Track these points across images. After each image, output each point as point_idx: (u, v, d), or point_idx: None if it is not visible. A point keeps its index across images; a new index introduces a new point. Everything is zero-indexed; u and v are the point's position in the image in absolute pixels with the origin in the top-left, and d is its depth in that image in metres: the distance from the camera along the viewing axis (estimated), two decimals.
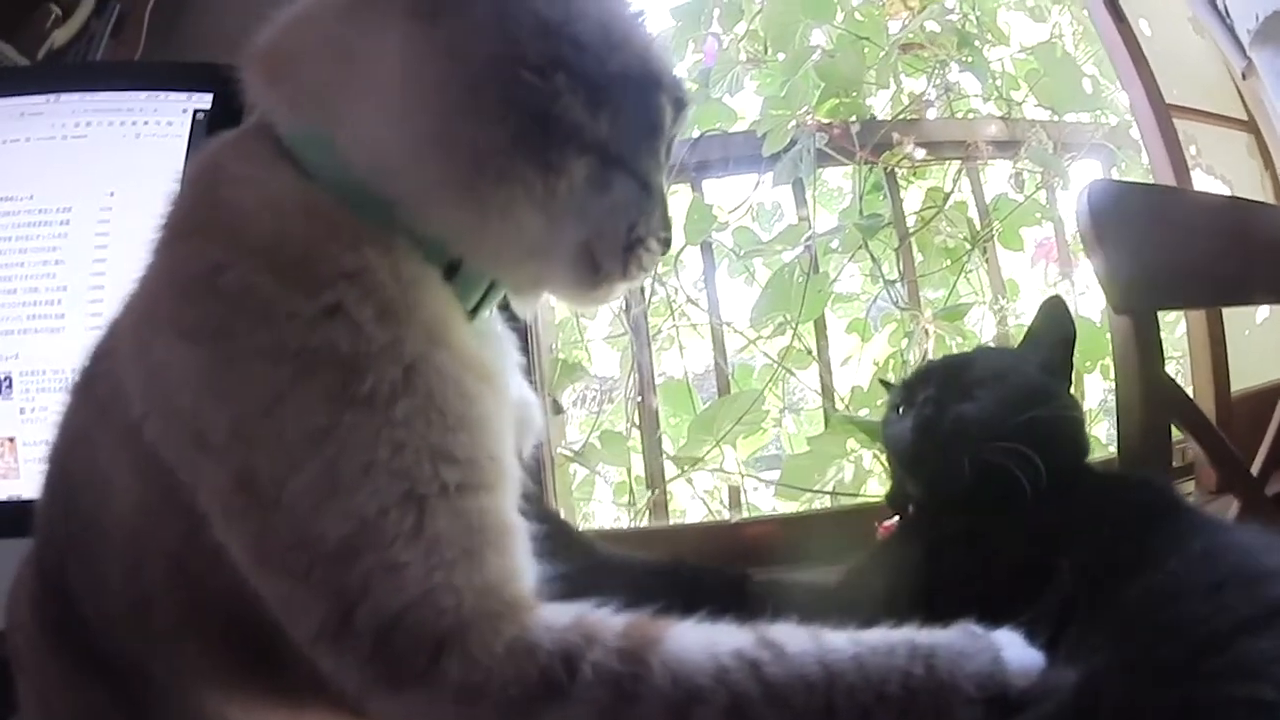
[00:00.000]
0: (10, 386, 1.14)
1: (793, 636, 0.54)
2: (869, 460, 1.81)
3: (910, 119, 2.05)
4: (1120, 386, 1.10)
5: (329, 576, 0.53)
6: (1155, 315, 1.09)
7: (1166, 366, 1.12)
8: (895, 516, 0.95)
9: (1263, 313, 1.76)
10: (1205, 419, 1.17)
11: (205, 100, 1.21)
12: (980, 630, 0.57)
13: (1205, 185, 1.81)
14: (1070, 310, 0.95)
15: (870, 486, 1.82)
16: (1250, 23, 1.63)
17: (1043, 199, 2.05)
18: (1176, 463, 1.37)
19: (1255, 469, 1.20)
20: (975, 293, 2.03)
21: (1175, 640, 0.57)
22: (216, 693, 0.65)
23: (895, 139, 1.97)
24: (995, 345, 1.89)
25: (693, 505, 1.93)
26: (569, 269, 0.64)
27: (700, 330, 1.99)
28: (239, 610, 0.58)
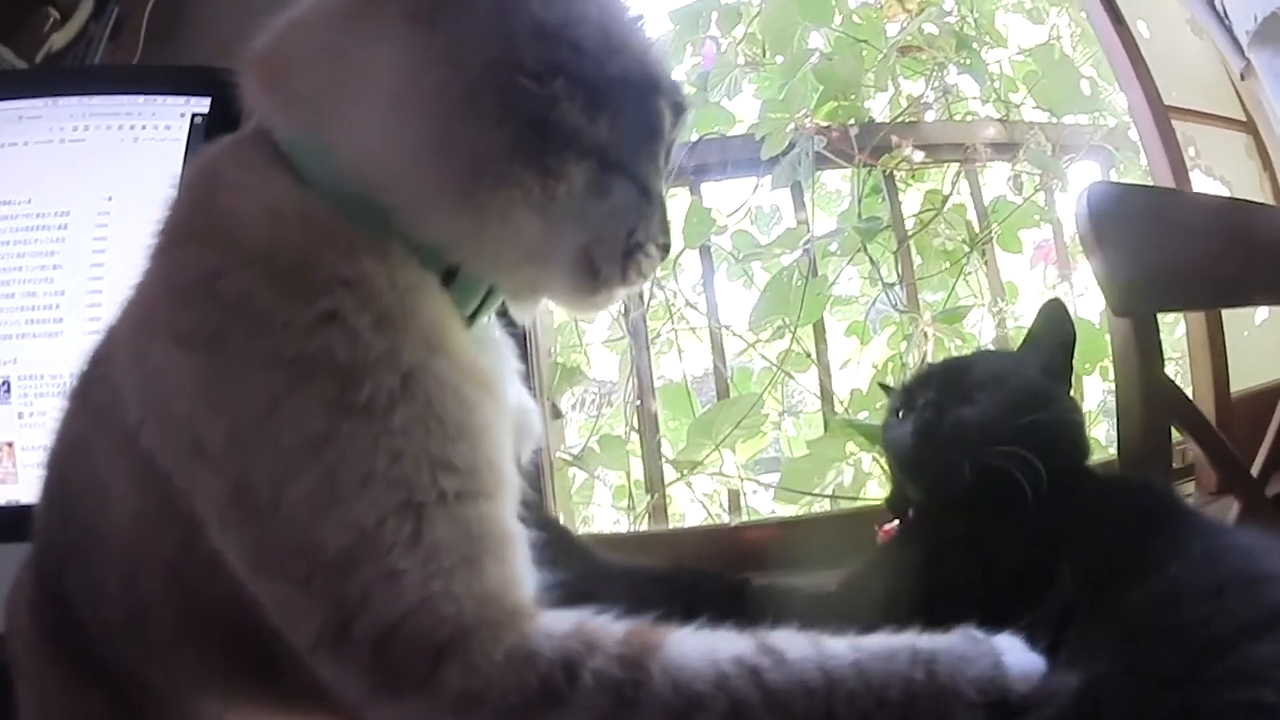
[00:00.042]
0: (9, 391, 1.14)
1: (793, 642, 0.54)
2: (868, 463, 1.81)
3: (908, 121, 2.04)
4: (1120, 389, 1.10)
5: (328, 584, 0.53)
6: (1155, 318, 1.08)
7: (1166, 368, 1.12)
8: (895, 520, 0.95)
9: (1262, 313, 1.76)
10: (1205, 420, 1.17)
11: (203, 105, 1.21)
12: (981, 635, 0.57)
13: (1204, 186, 1.81)
14: (1070, 313, 0.95)
15: (870, 489, 1.81)
16: (1249, 23, 1.63)
17: (1041, 201, 2.05)
18: (1177, 464, 1.36)
19: (1255, 470, 1.20)
20: (974, 295, 2.02)
21: (1176, 645, 0.57)
22: (214, 700, 0.65)
23: (894, 142, 1.96)
24: (995, 348, 1.89)
25: (692, 509, 1.93)
26: (568, 274, 0.64)
27: (699, 334, 1.99)
28: (238, 618, 0.58)
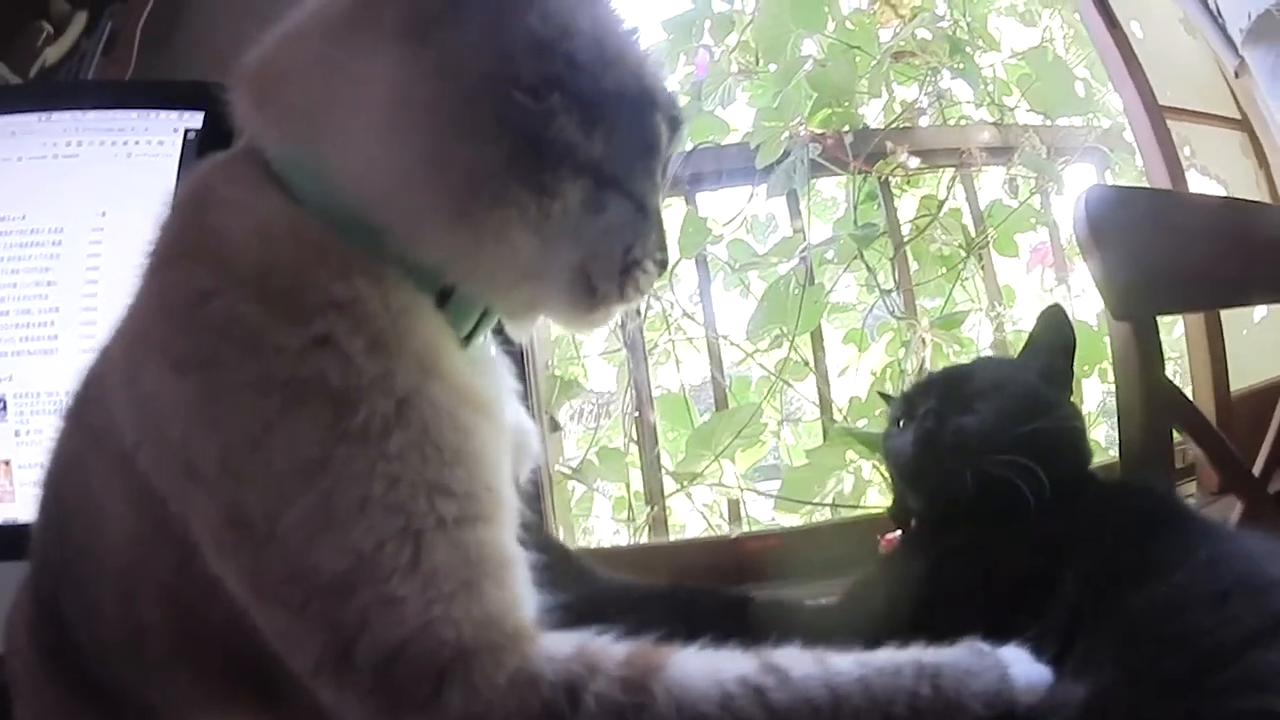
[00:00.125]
0: (5, 409, 1.14)
1: (797, 660, 0.54)
2: (868, 471, 1.81)
3: (903, 127, 2.03)
4: (1121, 392, 1.10)
5: (326, 610, 0.53)
6: (1155, 321, 1.08)
7: (1165, 369, 1.12)
8: (897, 530, 0.95)
9: (1260, 311, 1.76)
10: (1206, 422, 1.17)
11: (196, 120, 1.21)
12: (987, 647, 0.57)
13: (1200, 186, 1.82)
14: (1070, 318, 0.95)
15: (870, 497, 1.81)
16: (1242, 21, 1.63)
17: (1037, 204, 2.05)
18: (1178, 464, 1.36)
19: (1257, 469, 1.19)
20: (971, 300, 2.02)
21: (1182, 653, 0.57)
22: None
23: (888, 148, 1.96)
24: (995, 354, 1.89)
25: (692, 520, 1.92)
26: (565, 292, 0.64)
27: (696, 344, 1.98)
28: (236, 640, 0.57)
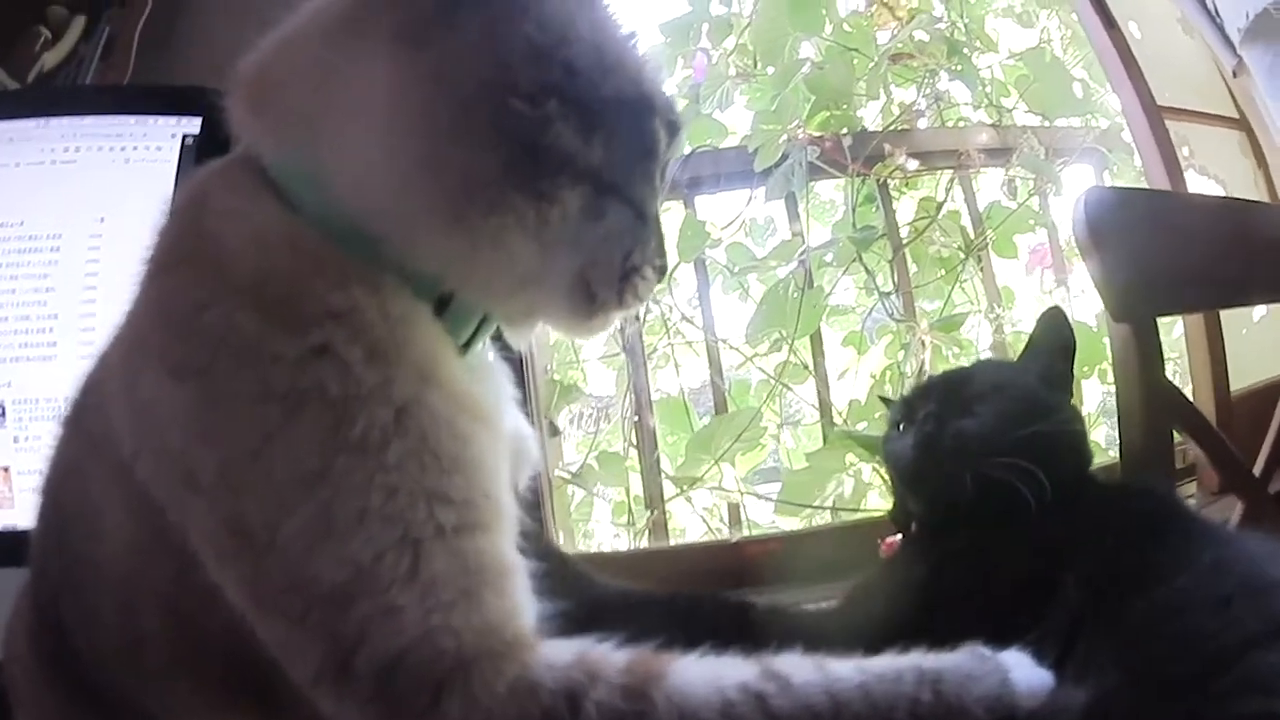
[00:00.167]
0: (4, 415, 1.14)
1: (798, 667, 0.53)
2: (868, 474, 1.81)
3: (901, 129, 2.04)
4: (1121, 393, 1.10)
5: (325, 620, 0.52)
6: (1154, 322, 1.08)
7: (1165, 369, 1.12)
8: (898, 533, 0.95)
9: (1260, 311, 1.76)
10: (1206, 422, 1.17)
11: (194, 125, 1.20)
12: (988, 652, 0.56)
13: (1199, 186, 1.82)
14: (1069, 320, 0.95)
15: (870, 500, 1.81)
16: (1240, 21, 1.64)
17: (1035, 205, 2.05)
18: (1178, 465, 1.36)
19: (1257, 469, 1.19)
20: (971, 302, 2.02)
21: (1184, 657, 0.57)
22: None
23: (887, 150, 1.97)
24: (994, 357, 1.89)
25: (692, 524, 1.92)
26: (564, 299, 0.63)
27: (696, 348, 1.98)
28: (236, 649, 0.57)
